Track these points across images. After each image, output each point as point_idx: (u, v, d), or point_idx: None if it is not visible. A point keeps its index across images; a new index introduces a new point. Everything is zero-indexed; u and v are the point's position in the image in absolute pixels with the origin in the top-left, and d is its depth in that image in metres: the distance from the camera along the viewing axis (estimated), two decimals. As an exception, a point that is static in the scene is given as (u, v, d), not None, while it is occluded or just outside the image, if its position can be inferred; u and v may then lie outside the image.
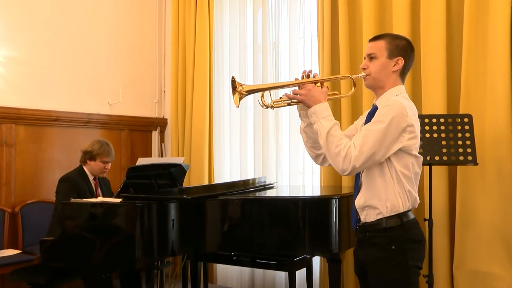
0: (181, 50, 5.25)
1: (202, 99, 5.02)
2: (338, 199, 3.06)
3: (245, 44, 4.98)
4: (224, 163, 5.08)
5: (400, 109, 2.03)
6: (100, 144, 3.82)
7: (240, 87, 2.21)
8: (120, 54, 5.22)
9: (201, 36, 5.07)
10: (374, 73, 2.17)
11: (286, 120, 4.65)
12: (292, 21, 4.64)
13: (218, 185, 3.89)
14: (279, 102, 2.26)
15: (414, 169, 2.11)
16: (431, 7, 3.69)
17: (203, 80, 5.03)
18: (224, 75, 5.11)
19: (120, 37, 5.23)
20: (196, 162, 4.98)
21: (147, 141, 5.45)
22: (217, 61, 5.14)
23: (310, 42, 4.56)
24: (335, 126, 2.11)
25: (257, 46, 4.84)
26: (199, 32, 5.09)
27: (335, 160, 2.06)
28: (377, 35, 2.25)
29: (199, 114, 5.02)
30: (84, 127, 4.85)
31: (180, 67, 5.24)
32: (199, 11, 5.10)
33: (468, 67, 3.51)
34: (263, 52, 4.76)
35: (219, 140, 5.09)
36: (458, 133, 3.23)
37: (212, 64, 5.08)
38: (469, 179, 3.50)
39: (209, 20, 5.07)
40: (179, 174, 3.95)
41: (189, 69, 5.16)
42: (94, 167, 3.81)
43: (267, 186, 3.91)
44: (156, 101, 5.54)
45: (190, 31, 5.15)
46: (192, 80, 5.13)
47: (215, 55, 5.12)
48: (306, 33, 4.60)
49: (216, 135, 5.08)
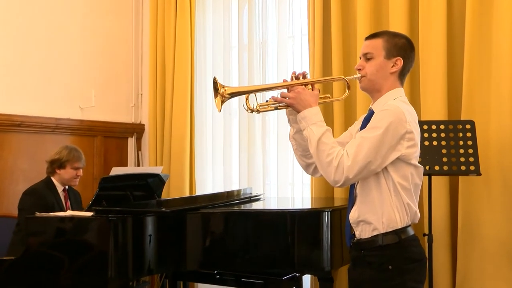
0: (160, 49, 5.22)
1: (183, 103, 4.99)
2: (330, 212, 3.05)
3: (230, 43, 4.96)
4: (206, 173, 5.05)
5: (398, 114, 2.01)
6: (68, 150, 3.81)
7: (222, 89, 2.19)
8: (92, 54, 5.17)
9: (181, 34, 5.05)
10: (371, 75, 2.15)
11: (274, 125, 4.64)
12: (280, 18, 4.64)
13: (199, 197, 3.90)
14: (266, 106, 2.24)
15: (413, 180, 2.09)
16: (431, 4, 3.70)
17: (184, 83, 5.01)
18: (207, 77, 5.09)
19: (93, 35, 5.19)
20: (176, 172, 4.94)
21: (122, 149, 5.40)
22: (199, 61, 5.12)
23: (300, 41, 4.56)
24: (327, 132, 2.09)
25: (243, 45, 4.83)
26: (179, 30, 5.07)
27: (326, 170, 2.04)
28: (374, 32, 2.24)
29: (180, 119, 4.99)
30: (52, 133, 4.79)
31: (159, 68, 5.22)
32: (179, 8, 5.09)
33: (470, 69, 3.52)
34: (249, 52, 4.75)
35: (201, 147, 5.07)
36: (459, 140, 3.23)
37: (194, 65, 5.06)
38: (472, 191, 3.50)
39: (191, 17, 5.06)
40: (157, 185, 3.93)
41: (169, 70, 5.14)
42: (65, 175, 3.78)
43: (253, 198, 3.90)
44: (132, 105, 5.50)
45: (170, 29, 5.13)
46: (172, 82, 5.10)
47: (197, 55, 5.10)
48: (296, 31, 4.60)
49: (198, 143, 5.06)
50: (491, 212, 3.44)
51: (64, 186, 3.82)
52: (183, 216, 3.18)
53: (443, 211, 3.58)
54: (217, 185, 4.96)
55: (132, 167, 5.28)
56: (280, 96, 2.19)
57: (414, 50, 2.21)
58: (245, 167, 4.70)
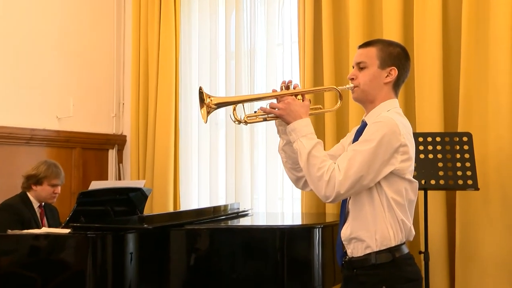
0: (143, 57, 5.22)
1: (167, 113, 4.99)
2: (322, 228, 3.05)
3: (217, 51, 4.98)
4: (191, 187, 5.05)
5: (392, 126, 2.02)
6: (47, 165, 3.77)
7: (208, 100, 2.19)
8: (71, 60, 5.16)
9: (166, 41, 5.06)
10: (364, 85, 2.16)
11: (262, 137, 4.65)
12: (269, 25, 4.67)
13: (184, 212, 3.87)
14: (254, 117, 2.24)
15: (407, 195, 2.10)
16: (425, 11, 3.74)
17: (168, 92, 5.01)
18: (192, 86, 5.10)
19: (72, 40, 5.18)
20: (159, 186, 4.93)
21: (102, 162, 5.38)
22: (185, 70, 5.13)
23: (290, 49, 4.59)
24: (318, 145, 2.09)
25: (230, 53, 4.85)
26: (163, 36, 5.08)
27: (317, 185, 2.04)
28: (368, 41, 2.25)
29: (163, 130, 4.99)
30: (26, 145, 4.76)
31: (142, 77, 5.22)
32: (163, 13, 5.10)
33: (467, 79, 3.56)
34: (237, 60, 4.78)
35: (186, 160, 5.06)
36: (456, 153, 3.25)
37: (179, 74, 5.07)
38: (470, 206, 3.52)
39: (175, 23, 5.07)
40: (140, 200, 3.91)
41: (152, 79, 5.14)
42: (41, 192, 3.76)
43: (240, 214, 3.90)
44: (113, 115, 5.49)
45: (153, 35, 5.14)
46: (155, 91, 5.10)
47: (182, 63, 5.12)
48: (286, 38, 4.63)
49: (183, 155, 5.05)
50: (490, 229, 3.45)
51: (40, 202, 3.80)
52: (166, 233, 3.16)
53: (439, 227, 3.60)
54: (203, 200, 4.95)
55: (113, 181, 5.26)
56: (269, 106, 2.19)
57: (409, 59, 2.23)
58: (232, 181, 4.70)
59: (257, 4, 4.75)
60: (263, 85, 4.68)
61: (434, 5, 3.70)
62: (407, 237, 2.12)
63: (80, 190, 4.55)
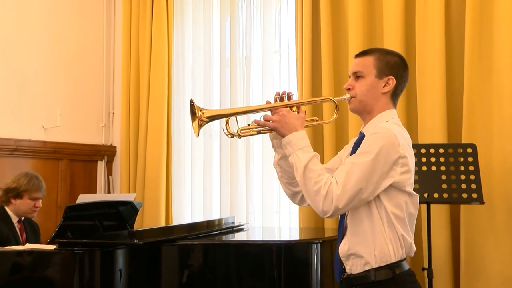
0: (134, 64, 5.24)
1: (159, 123, 5.00)
2: (320, 243, 3.06)
3: (211, 58, 5.00)
4: (184, 200, 5.04)
5: (390, 138, 2.04)
6: (28, 178, 3.74)
7: (200, 113, 2.19)
8: (58, 67, 5.17)
9: (158, 48, 5.08)
10: (361, 95, 2.18)
11: (258, 149, 4.66)
12: (266, 32, 4.70)
13: (177, 227, 3.87)
14: (247, 130, 2.25)
15: (408, 209, 2.11)
16: (427, 19, 3.76)
17: (160, 101, 5.02)
18: (185, 94, 5.11)
19: (59, 47, 5.18)
20: (150, 200, 4.93)
21: (91, 174, 5.38)
22: (177, 78, 5.15)
23: (287, 57, 4.62)
24: (314, 158, 2.10)
25: (225, 60, 4.87)
26: (155, 43, 5.10)
27: (314, 200, 2.05)
28: (365, 50, 2.27)
29: (155, 141, 5.00)
30: (10, 156, 4.75)
31: (133, 85, 5.23)
32: (155, 19, 5.12)
33: (470, 89, 3.58)
34: (232, 67, 4.79)
35: (178, 172, 5.06)
36: (460, 165, 3.27)
37: (172, 82, 5.09)
38: (475, 221, 3.53)
39: (168, 29, 5.09)
40: (130, 214, 3.91)
41: (143, 87, 5.15)
42: (21, 206, 3.73)
43: (235, 228, 3.90)
44: (102, 125, 5.50)
45: (145, 42, 5.15)
46: (146, 100, 5.11)
47: (175, 71, 5.13)
48: (283, 46, 4.66)
49: (176, 167, 5.05)
50: (496, 244, 3.46)
51: (19, 217, 3.77)
52: (158, 249, 3.16)
53: (443, 243, 3.60)
54: (196, 214, 4.95)
55: (102, 194, 5.25)
56: (263, 119, 2.20)
57: (407, 68, 2.25)
58: (227, 194, 4.70)
59: (253, 10, 4.78)
60: (259, 94, 4.69)
61: (436, 12, 3.73)
62: (407, 253, 2.13)
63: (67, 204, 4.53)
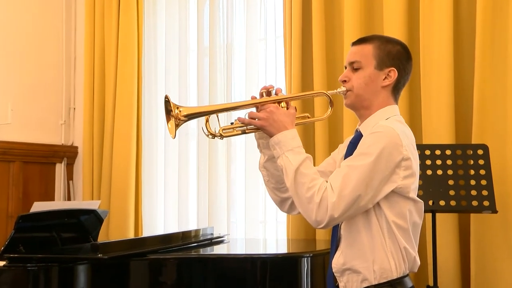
0: (98, 53, 5.22)
1: (127, 120, 5.00)
2: (311, 257, 3.07)
3: (187, 46, 5.00)
4: (156, 208, 5.04)
5: (392, 137, 2.05)
6: None
7: (176, 111, 2.19)
8: (10, 57, 5.14)
9: (126, 34, 5.07)
10: (358, 88, 2.20)
11: (241, 150, 4.67)
12: (250, 16, 4.70)
13: (147, 239, 3.86)
14: (231, 129, 2.26)
15: (412, 218, 2.13)
16: (433, 4, 3.78)
17: (129, 95, 5.02)
18: (158, 88, 5.11)
19: (11, 34, 5.15)
20: (117, 207, 4.92)
21: (48, 178, 5.35)
22: (149, 68, 5.14)
23: (274, 45, 4.62)
24: (307, 161, 2.11)
25: (203, 49, 4.87)
26: (123, 29, 5.09)
27: (306, 208, 2.06)
28: (363, 37, 2.29)
29: (123, 141, 4.99)
30: (-46, 158, 4.74)
31: (97, 77, 5.21)
32: (123, 2, 5.11)
33: (482, 83, 3.60)
34: (211, 57, 4.80)
35: (150, 177, 5.06)
36: (470, 169, 3.30)
37: (142, 73, 5.08)
38: (487, 232, 3.55)
39: (138, 14, 5.08)
40: (93, 225, 3.89)
41: (110, 79, 5.14)
42: None
43: (214, 240, 3.91)
44: (62, 122, 5.48)
45: (111, 28, 5.14)
46: (113, 94, 5.10)
47: (146, 61, 5.13)
48: (269, 33, 4.66)
49: (146, 170, 5.05)
50: (511, 260, 3.49)
51: None
52: (126, 264, 3.16)
53: (451, 257, 3.62)
54: (170, 224, 4.95)
55: (61, 202, 5.21)
56: (248, 116, 2.21)
57: (411, 59, 2.27)
58: (205, 201, 4.70)
59: (235, -8, 4.79)
60: (243, 88, 4.70)
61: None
62: (411, 268, 2.14)
63: (19, 213, 4.49)
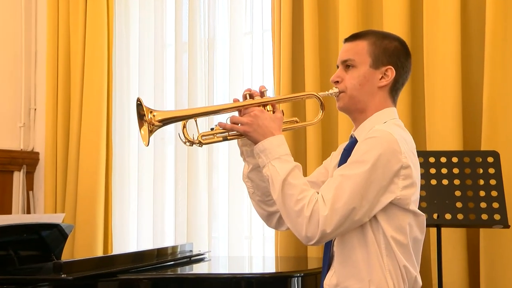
0: (63, 47, 5.21)
1: (96, 123, 4.98)
2: (302, 277, 3.08)
3: (164, 41, 4.99)
4: (128, 222, 5.04)
5: (390, 143, 2.07)
6: None
7: (149, 115, 2.19)
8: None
9: (94, 27, 5.06)
10: (352, 90, 2.21)
11: (224, 157, 4.67)
12: (234, 7, 4.70)
13: (118, 257, 3.86)
14: (211, 136, 2.26)
15: (412, 233, 2.14)
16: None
17: (98, 95, 5.00)
18: (130, 87, 5.11)
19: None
20: (84, 222, 4.90)
21: (4, 188, 5.32)
22: (120, 66, 5.14)
23: (261, 40, 4.63)
24: (295, 170, 2.12)
25: (182, 43, 4.87)
26: (91, 20, 5.08)
27: (295, 222, 2.06)
28: (357, 32, 2.31)
29: (91, 146, 4.97)
30: None
31: (61, 74, 5.20)
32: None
33: (492, 84, 3.62)
34: (191, 53, 4.79)
35: (121, 186, 5.06)
36: (479, 179, 3.30)
37: (112, 70, 5.07)
38: (498, 249, 3.57)
39: (108, 3, 5.06)
40: (56, 241, 3.88)
41: (76, 77, 5.12)
42: None
43: (194, 258, 3.90)
44: (21, 125, 5.45)
45: (77, 19, 5.12)
46: (80, 94, 5.08)
47: (117, 57, 5.13)
48: (256, 26, 4.67)
49: (118, 179, 5.05)
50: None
51: None
52: (93, 285, 3.15)
53: (457, 277, 3.63)
54: (144, 240, 4.94)
55: (19, 215, 5.18)
56: (230, 121, 2.21)
57: (410, 56, 2.29)
58: (184, 214, 4.69)
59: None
60: (226, 86, 4.70)
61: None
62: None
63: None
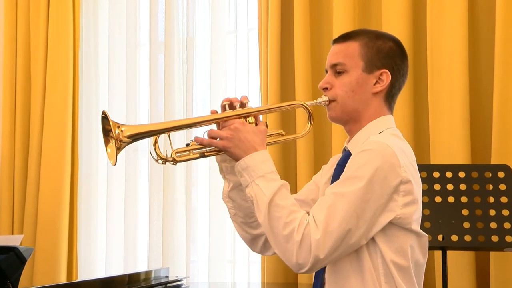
0: (22, 49, 5.22)
1: (60, 132, 4.99)
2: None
3: (137, 41, 5.01)
4: (96, 245, 5.04)
5: (387, 156, 2.07)
6: None
7: (117, 130, 2.17)
8: None
9: (58, 26, 5.07)
10: (343, 97, 2.23)
11: (204, 172, 4.69)
12: (216, 3, 4.73)
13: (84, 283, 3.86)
14: (186, 152, 2.25)
15: (414, 256, 2.16)
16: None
17: (62, 100, 5.01)
18: (99, 92, 5.13)
19: None
20: (45, 244, 4.90)
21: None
22: (88, 68, 5.16)
23: (246, 40, 4.67)
24: (282, 190, 2.11)
25: (157, 44, 4.88)
26: (54, 19, 5.09)
27: (285, 248, 2.06)
28: (347, 32, 2.33)
29: (54, 160, 4.98)
30: None
31: (20, 77, 5.21)
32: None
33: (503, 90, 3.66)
34: (167, 53, 4.81)
35: (88, 204, 5.06)
36: (489, 196, 3.33)
37: (78, 74, 5.08)
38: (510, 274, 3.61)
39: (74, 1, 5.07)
40: (13, 266, 3.86)
41: (37, 81, 5.13)
42: None
43: (170, 285, 3.90)
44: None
45: (39, 18, 5.13)
46: (41, 99, 5.08)
47: (84, 59, 5.15)
48: (240, 24, 4.70)
49: (84, 196, 5.05)
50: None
51: None
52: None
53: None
54: (114, 265, 4.94)
55: (-29, 237, 5.19)
56: (208, 136, 2.21)
57: (406, 58, 2.30)
58: (159, 236, 4.71)
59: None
60: (207, 91, 4.72)
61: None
62: (413, 319, 2.18)
63: None
